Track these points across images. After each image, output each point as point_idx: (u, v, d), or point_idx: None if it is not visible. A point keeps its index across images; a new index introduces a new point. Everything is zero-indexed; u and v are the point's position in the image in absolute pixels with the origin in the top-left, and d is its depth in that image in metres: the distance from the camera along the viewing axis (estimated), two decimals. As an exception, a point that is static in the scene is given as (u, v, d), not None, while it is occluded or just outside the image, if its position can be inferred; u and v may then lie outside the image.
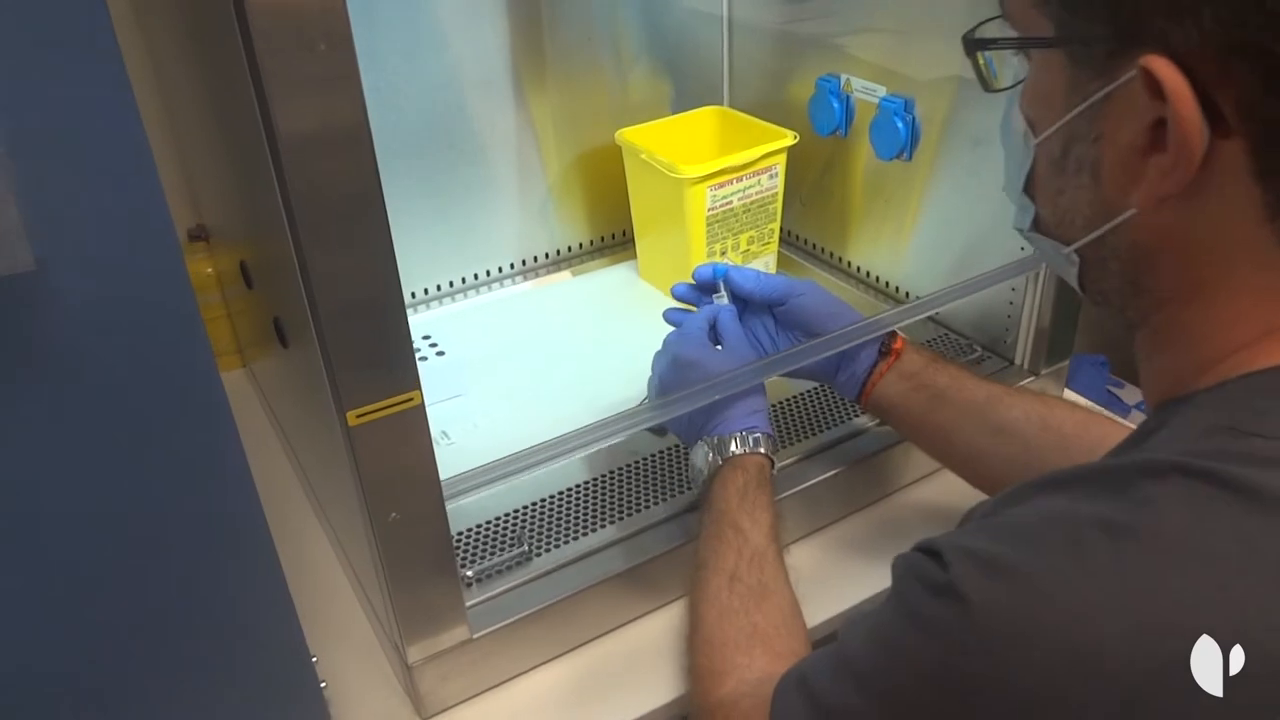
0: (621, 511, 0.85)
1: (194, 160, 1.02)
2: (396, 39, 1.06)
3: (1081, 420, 0.79)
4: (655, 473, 0.90)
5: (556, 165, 1.24)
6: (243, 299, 0.97)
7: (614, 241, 1.33)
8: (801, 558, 0.87)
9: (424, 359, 1.03)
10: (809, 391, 1.00)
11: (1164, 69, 0.42)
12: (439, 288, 1.22)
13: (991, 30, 0.53)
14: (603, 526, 0.84)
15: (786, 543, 0.88)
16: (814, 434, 0.94)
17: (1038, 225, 0.55)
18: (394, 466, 0.63)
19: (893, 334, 0.86)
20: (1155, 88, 0.43)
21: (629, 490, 0.88)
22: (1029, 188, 0.55)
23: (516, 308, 1.22)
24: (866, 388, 0.85)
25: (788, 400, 0.99)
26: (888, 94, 1.06)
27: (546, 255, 1.28)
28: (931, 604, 0.44)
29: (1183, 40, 0.42)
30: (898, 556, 0.50)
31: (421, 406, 0.61)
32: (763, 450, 0.78)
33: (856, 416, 0.96)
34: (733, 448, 0.78)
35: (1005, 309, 1.02)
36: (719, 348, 0.86)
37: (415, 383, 0.61)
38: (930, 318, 1.10)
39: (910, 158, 1.06)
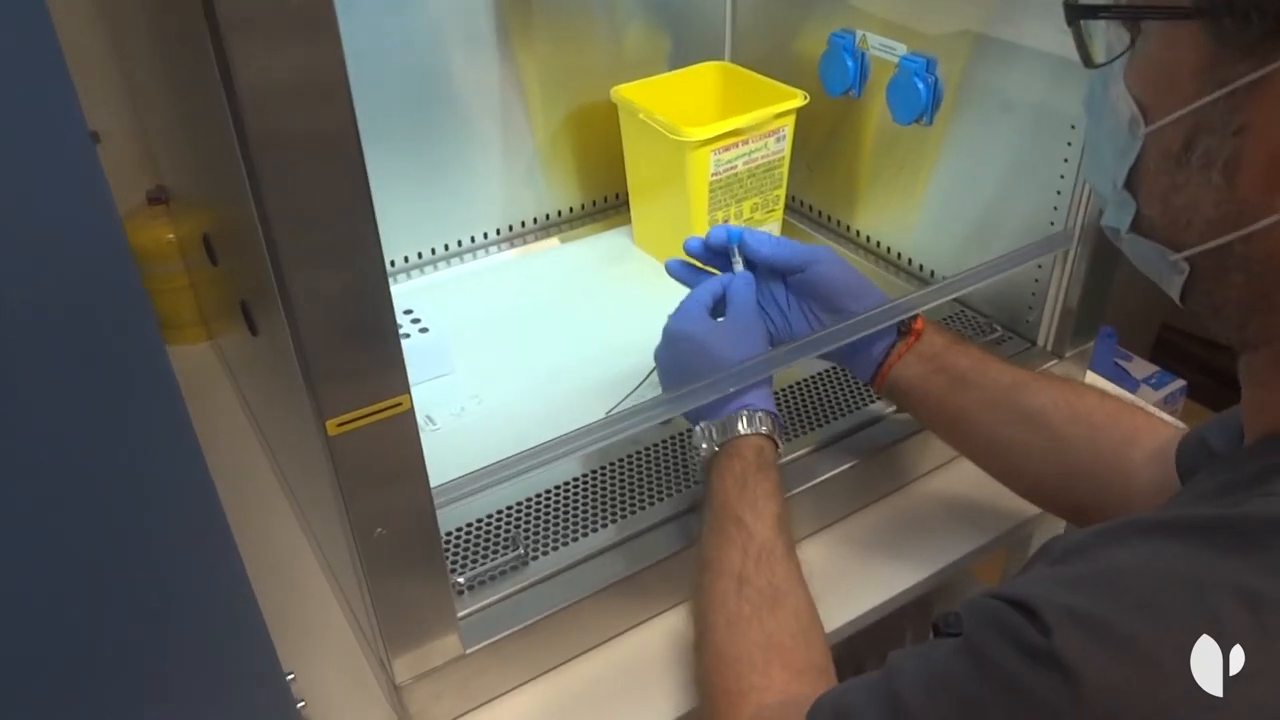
0: (624, 509, 0.79)
1: (152, 117, 0.93)
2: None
3: (1113, 411, 0.73)
4: (661, 464, 0.83)
5: (545, 124, 1.15)
6: (207, 272, 0.88)
7: (606, 205, 1.25)
8: (814, 555, 0.81)
9: (406, 335, 0.96)
10: (817, 375, 0.94)
11: None
12: (420, 255, 1.14)
13: None
14: (604, 526, 0.77)
15: (798, 537, 0.83)
16: (825, 422, 0.88)
17: (1137, 225, 0.48)
18: (380, 478, 0.56)
19: (913, 314, 0.79)
20: None
21: (632, 484, 0.81)
22: (1131, 182, 0.47)
23: (501, 277, 1.14)
24: (883, 369, 0.79)
25: (794, 386, 0.92)
26: (908, 52, 0.98)
27: (535, 220, 1.20)
28: (1029, 672, 0.38)
29: None
30: (970, 602, 0.43)
31: (411, 412, 0.54)
32: (764, 430, 0.71)
33: (871, 403, 0.89)
34: (730, 430, 0.71)
35: (1030, 286, 0.96)
36: (721, 320, 0.78)
37: (404, 385, 0.53)
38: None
39: (931, 122, 0.98)
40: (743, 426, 0.71)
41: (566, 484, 0.81)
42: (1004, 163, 0.95)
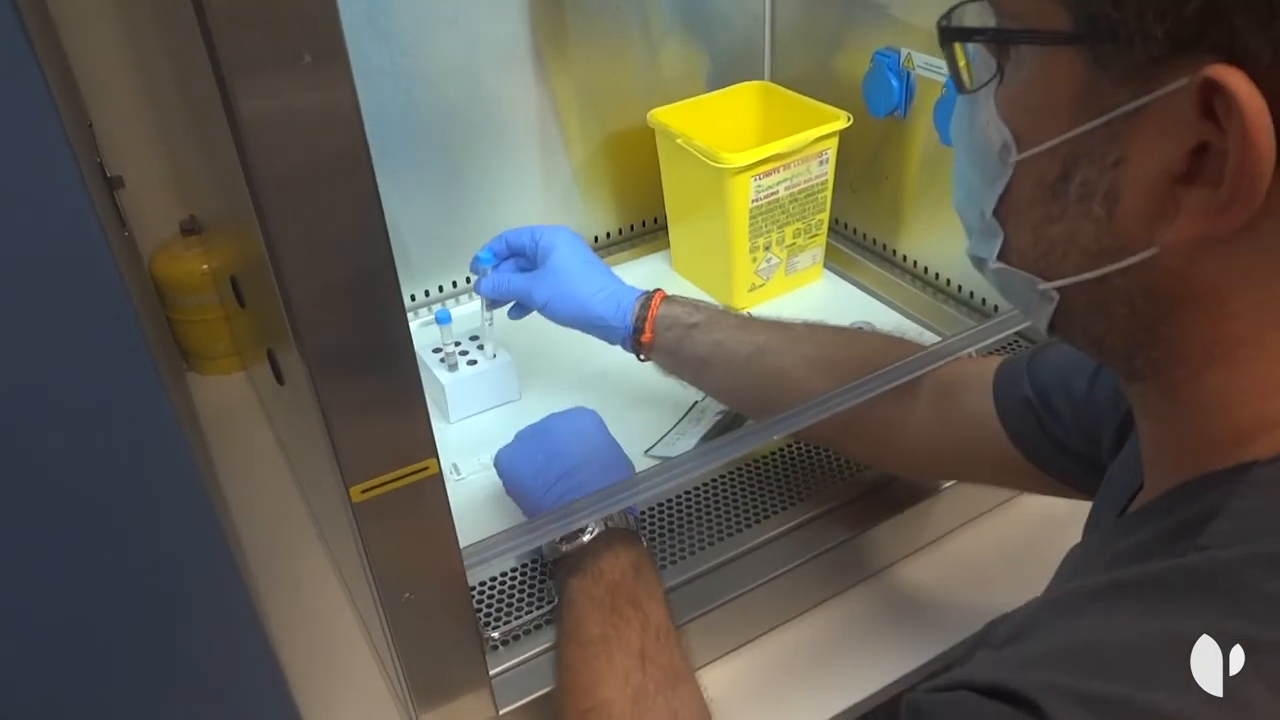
0: (669, 555, 0.76)
1: (182, 153, 0.92)
2: (407, 13, 0.95)
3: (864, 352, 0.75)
4: (706, 508, 0.80)
5: (582, 147, 1.13)
6: (238, 310, 0.87)
7: (644, 230, 1.22)
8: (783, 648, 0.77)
9: (473, 362, 0.95)
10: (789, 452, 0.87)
11: (1239, 83, 0.33)
12: (454, 285, 1.12)
13: (976, 16, 0.42)
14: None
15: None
16: (795, 502, 0.81)
17: (1005, 255, 0.45)
18: (408, 544, 0.53)
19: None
20: (1208, 105, 0.34)
21: (676, 529, 0.78)
22: (1000, 210, 0.44)
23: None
24: (645, 325, 0.81)
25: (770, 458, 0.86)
26: (956, 73, 0.94)
27: (571, 246, 1.17)
28: None
29: (1263, 48, 0.32)
30: (925, 701, 0.38)
31: (439, 475, 0.52)
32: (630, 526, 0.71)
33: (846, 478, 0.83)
34: (617, 520, 0.69)
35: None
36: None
37: (431, 448, 0.51)
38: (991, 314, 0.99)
39: (980, 145, 0.94)
40: (628, 521, 0.70)
41: (604, 529, 0.78)
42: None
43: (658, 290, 0.83)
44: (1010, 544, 0.84)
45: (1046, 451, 0.65)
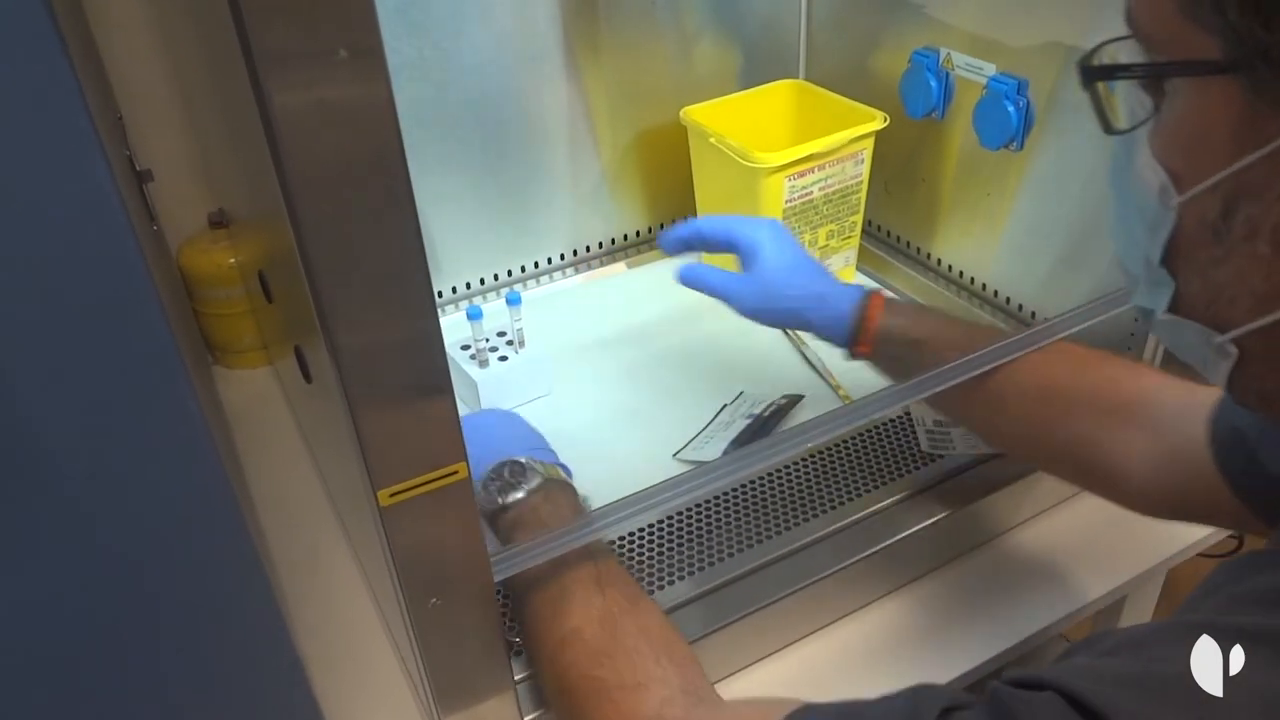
0: (701, 560, 0.74)
1: (211, 147, 0.91)
2: (437, 8, 0.94)
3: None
4: (741, 510, 0.78)
5: (612, 145, 1.11)
6: (265, 305, 0.86)
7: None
8: (891, 617, 0.76)
9: (503, 359, 0.94)
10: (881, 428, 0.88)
11: None
12: (482, 281, 1.11)
13: (1120, 53, 0.40)
14: (679, 579, 0.73)
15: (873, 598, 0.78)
16: (890, 479, 0.82)
17: (1176, 306, 0.42)
18: (436, 549, 0.52)
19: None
20: None
21: (710, 532, 0.76)
22: (1168, 258, 0.41)
23: (568, 303, 1.11)
24: (866, 324, 0.76)
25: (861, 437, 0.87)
26: (998, 73, 0.92)
27: (600, 245, 1.16)
28: None
29: None
30: (1023, 701, 0.37)
31: (468, 480, 0.51)
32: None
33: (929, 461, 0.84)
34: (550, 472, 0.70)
35: (1129, 326, 0.89)
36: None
37: (461, 452, 0.50)
38: (1027, 321, 0.97)
39: (1021, 146, 0.93)
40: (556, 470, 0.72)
41: (636, 534, 0.77)
42: (1096, 189, 0.88)
43: (874, 294, 0.78)
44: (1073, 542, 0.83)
45: (1257, 483, 0.60)
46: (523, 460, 0.69)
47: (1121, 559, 0.81)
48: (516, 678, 0.65)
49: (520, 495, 0.67)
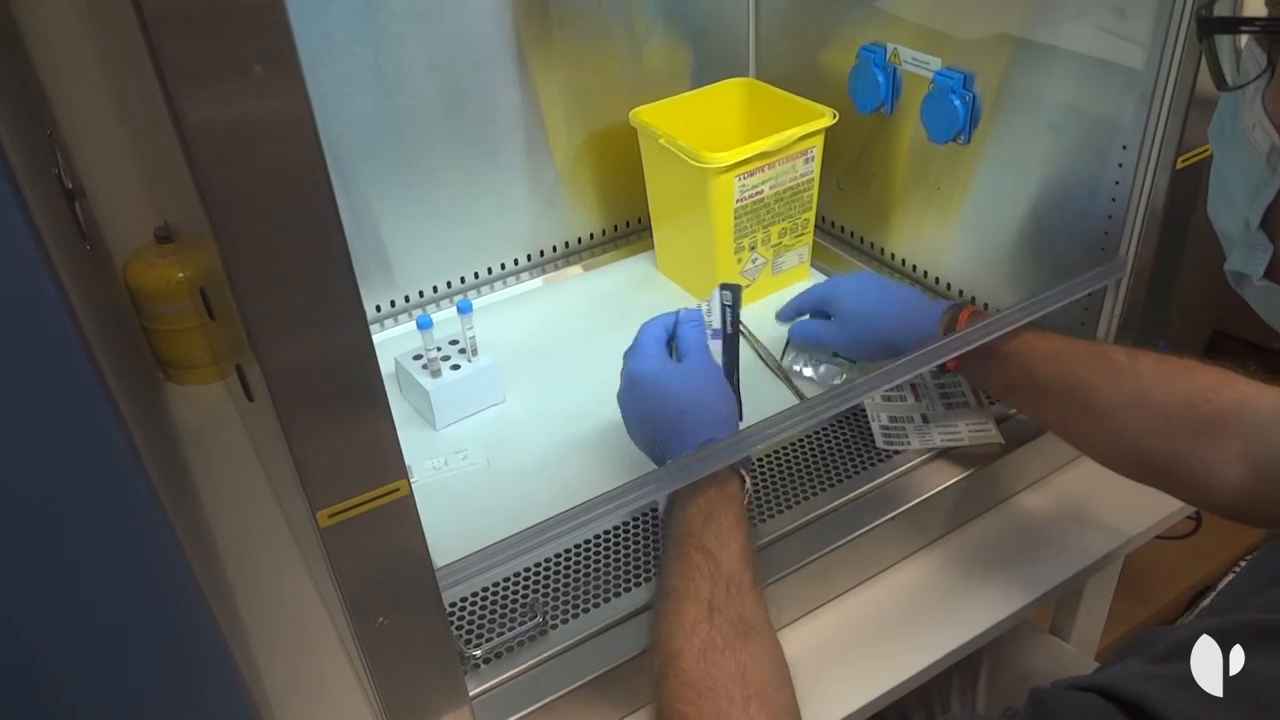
0: (652, 569, 0.74)
1: (152, 160, 0.90)
2: (384, 11, 0.93)
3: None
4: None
5: (566, 148, 1.11)
6: (211, 323, 0.85)
7: (629, 230, 1.20)
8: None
9: (456, 367, 0.92)
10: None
11: None
12: (435, 289, 1.09)
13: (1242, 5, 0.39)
14: (631, 588, 0.72)
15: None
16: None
17: (1272, 271, 0.42)
18: (379, 567, 0.51)
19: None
20: None
21: (661, 541, 0.76)
22: (1268, 222, 0.40)
23: (526, 307, 1.10)
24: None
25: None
26: (943, 67, 0.92)
27: (555, 249, 1.15)
28: None
29: None
30: (1062, 700, 0.37)
31: (410, 496, 0.50)
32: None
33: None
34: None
35: (1079, 315, 0.90)
36: (680, 362, 0.78)
37: (401, 469, 0.49)
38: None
39: (969, 140, 0.93)
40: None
41: (588, 543, 0.76)
42: (1048, 180, 0.89)
43: (962, 312, 0.80)
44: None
45: None
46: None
47: (1076, 547, 0.82)
48: (471, 694, 0.64)
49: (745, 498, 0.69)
